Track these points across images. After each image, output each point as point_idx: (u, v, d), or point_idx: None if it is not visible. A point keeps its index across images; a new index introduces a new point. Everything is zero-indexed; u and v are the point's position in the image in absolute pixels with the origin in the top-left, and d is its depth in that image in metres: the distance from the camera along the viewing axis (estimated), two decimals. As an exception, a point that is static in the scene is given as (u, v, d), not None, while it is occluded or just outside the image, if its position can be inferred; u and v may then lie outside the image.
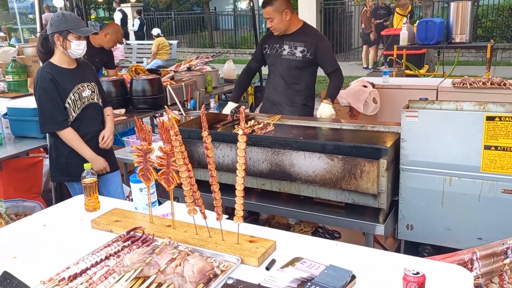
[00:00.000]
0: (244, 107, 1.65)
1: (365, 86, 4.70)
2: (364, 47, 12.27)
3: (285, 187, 2.35)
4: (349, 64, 13.34)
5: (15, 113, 3.49)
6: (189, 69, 5.93)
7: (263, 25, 13.50)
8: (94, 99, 2.87)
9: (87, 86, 2.83)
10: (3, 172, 2.76)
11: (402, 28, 6.13)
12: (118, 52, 10.45)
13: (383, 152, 2.06)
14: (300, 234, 2.07)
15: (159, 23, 16.39)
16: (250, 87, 6.07)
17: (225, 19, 17.72)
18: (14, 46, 6.47)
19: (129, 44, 12.18)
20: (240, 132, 1.62)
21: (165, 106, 1.92)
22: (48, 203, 3.55)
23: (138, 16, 14.40)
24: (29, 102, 3.48)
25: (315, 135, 2.54)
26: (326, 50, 3.21)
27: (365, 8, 11.35)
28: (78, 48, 2.70)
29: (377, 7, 11.38)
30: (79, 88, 2.78)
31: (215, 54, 8.16)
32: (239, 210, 1.65)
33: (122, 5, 16.37)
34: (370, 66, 8.49)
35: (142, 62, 9.86)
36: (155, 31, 10.91)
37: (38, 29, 3.19)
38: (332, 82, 3.24)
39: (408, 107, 2.27)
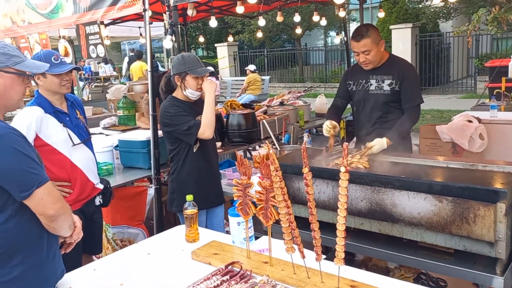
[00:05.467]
0: (347, 143, 1.60)
1: (470, 121, 4.37)
2: None
3: (386, 228, 2.21)
4: (448, 97, 12.62)
5: (125, 145, 3.78)
6: (281, 103, 6.02)
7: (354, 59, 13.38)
8: None
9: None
10: (112, 200, 2.97)
11: (511, 59, 5.66)
12: (214, 88, 10.99)
13: (501, 195, 1.85)
14: (403, 281, 1.92)
15: (252, 60, 17.07)
16: (341, 121, 5.98)
17: (315, 54, 17.93)
18: (125, 84, 7.12)
19: (225, 80, 12.80)
20: (342, 169, 1.57)
21: (266, 142, 1.94)
22: (150, 230, 3.75)
23: (131, 54, 15.01)
24: (138, 135, 3.77)
25: (418, 173, 2.38)
26: (412, 82, 3.03)
27: None
28: (194, 92, 2.90)
29: None
30: (198, 119, 2.94)
31: (306, 88, 8.22)
32: (340, 252, 1.58)
33: (219, 44, 17.44)
34: None
35: (236, 97, 10.26)
36: (251, 67, 11.35)
37: (149, 69, 3.47)
38: (402, 119, 2.95)
39: (529, 146, 2.04)
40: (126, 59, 15.25)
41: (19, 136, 1.63)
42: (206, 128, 2.85)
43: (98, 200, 2.79)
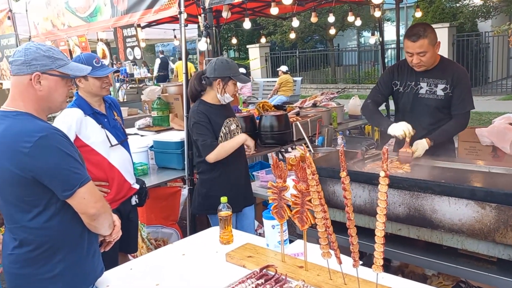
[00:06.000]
0: (387, 147, 1.56)
1: (511, 124, 4.20)
2: None
3: (425, 234, 2.15)
4: (487, 99, 12.19)
5: (159, 146, 3.84)
6: (314, 105, 5.96)
7: (390, 60, 13.13)
8: (239, 133, 3.06)
9: (233, 120, 3.04)
10: (147, 199, 3.03)
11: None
12: (246, 89, 11.06)
13: (549, 202, 1.77)
14: (443, 289, 1.87)
15: (284, 61, 17.03)
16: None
17: (348, 54, 17.71)
18: (159, 86, 7.24)
19: (256, 82, 12.83)
20: (382, 174, 1.53)
21: (303, 145, 1.92)
22: (183, 230, 3.80)
23: (162, 56, 15.62)
24: (172, 136, 3.82)
25: (459, 178, 2.30)
26: (465, 87, 2.88)
27: None
28: (231, 96, 2.94)
29: None
30: (227, 122, 2.98)
31: (340, 90, 8.12)
32: (378, 259, 1.54)
33: (251, 45, 17.52)
34: None
35: (267, 99, 10.26)
36: (283, 68, 11.32)
37: (183, 70, 3.51)
38: (449, 124, 2.85)
39: None
40: (158, 61, 15.70)
41: (62, 137, 1.68)
42: (216, 156, 2.86)
43: (134, 200, 2.85)
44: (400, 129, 2.77)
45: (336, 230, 1.68)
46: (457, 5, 14.17)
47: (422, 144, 2.71)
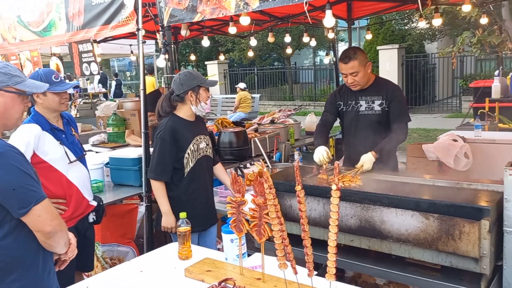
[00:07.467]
0: (338, 162, 1.66)
1: (455, 140, 4.49)
2: None
3: (375, 245, 2.26)
4: (434, 116, 12.87)
5: (115, 163, 3.79)
6: (272, 121, 6.09)
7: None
8: (208, 152, 3.06)
9: (203, 138, 3.03)
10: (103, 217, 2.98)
11: (494, 81, 5.86)
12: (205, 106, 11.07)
13: (485, 212, 1.92)
14: (392, 297, 1.97)
15: (243, 78, 17.23)
16: (331, 139, 6.06)
17: (305, 73, 18.20)
18: (115, 101, 7.14)
19: (215, 98, 12.90)
20: (333, 187, 1.62)
21: (261, 160, 2.00)
22: (139, 249, 3.74)
23: (116, 78, 17.36)
24: (129, 153, 3.78)
25: (406, 191, 2.45)
26: (400, 101, 3.17)
27: None
28: (207, 101, 2.96)
29: None
30: (197, 139, 2.97)
31: (297, 107, 8.34)
32: (331, 268, 1.62)
33: (209, 62, 17.62)
34: None
35: (226, 115, 10.33)
36: (241, 85, 11.46)
37: (141, 87, 3.50)
38: (390, 137, 3.04)
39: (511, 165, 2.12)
40: (97, 77, 15.70)
41: (18, 154, 1.66)
42: (152, 185, 2.93)
43: (91, 217, 2.80)
44: (316, 156, 2.95)
45: (293, 243, 1.74)
46: (406, 27, 14.99)
47: (369, 158, 2.89)
